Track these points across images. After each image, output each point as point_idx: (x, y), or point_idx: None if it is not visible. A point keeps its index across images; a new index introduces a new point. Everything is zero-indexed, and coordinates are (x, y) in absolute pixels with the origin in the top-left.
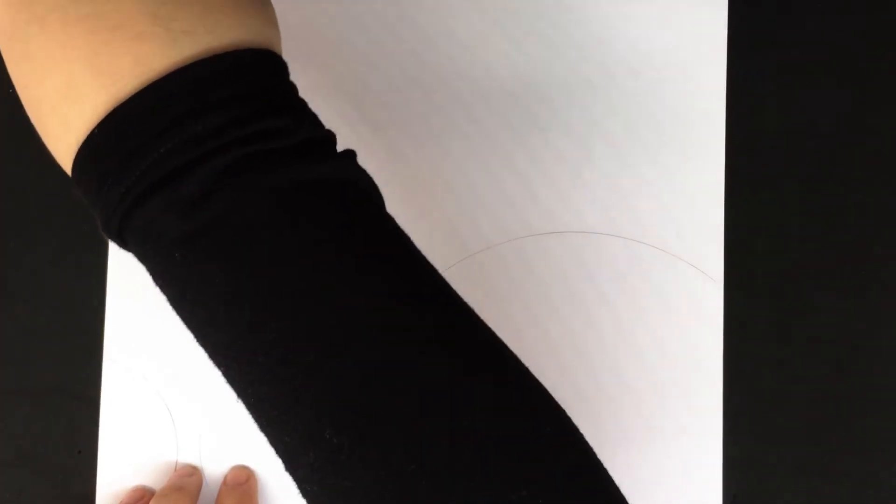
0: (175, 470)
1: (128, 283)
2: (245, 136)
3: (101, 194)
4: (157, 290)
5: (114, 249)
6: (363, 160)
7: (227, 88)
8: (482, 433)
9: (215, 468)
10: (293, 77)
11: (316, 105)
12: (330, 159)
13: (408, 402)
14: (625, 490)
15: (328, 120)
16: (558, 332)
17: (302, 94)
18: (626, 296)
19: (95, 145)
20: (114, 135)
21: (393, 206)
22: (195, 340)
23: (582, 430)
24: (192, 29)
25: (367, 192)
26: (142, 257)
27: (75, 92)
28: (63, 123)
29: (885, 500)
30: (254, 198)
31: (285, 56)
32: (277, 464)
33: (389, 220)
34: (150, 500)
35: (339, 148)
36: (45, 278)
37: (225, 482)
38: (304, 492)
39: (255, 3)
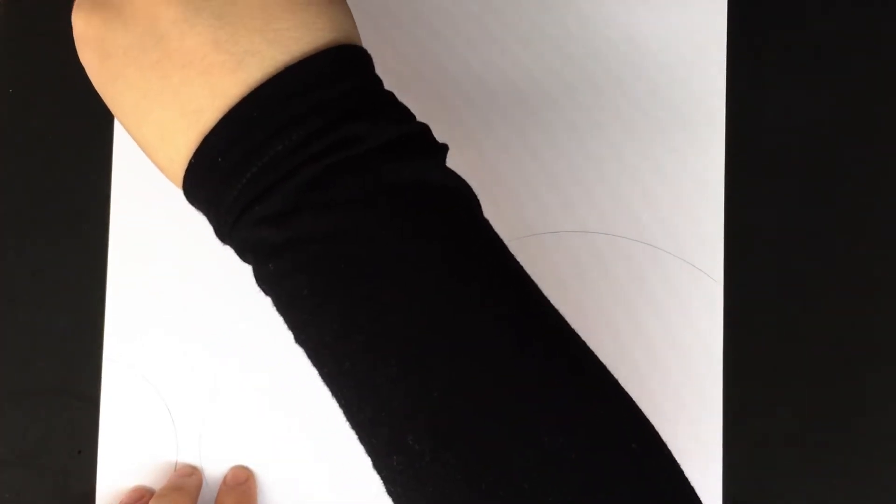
0: (175, 470)
1: (128, 283)
2: (324, 148)
3: (210, 217)
4: (157, 290)
5: (114, 249)
6: None
7: (302, 103)
8: (564, 452)
9: (215, 468)
10: None
11: None
12: (415, 161)
13: (489, 415)
14: None
15: None
16: None
17: None
18: (626, 295)
19: (193, 177)
20: (205, 165)
21: None
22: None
23: None
24: (255, 47)
25: (455, 196)
26: (250, 264)
27: (168, 134)
28: (166, 162)
29: (886, 500)
30: (330, 212)
31: None
32: (277, 464)
33: (481, 228)
34: (149, 499)
35: None
36: (45, 278)
37: (224, 482)
38: (389, 491)
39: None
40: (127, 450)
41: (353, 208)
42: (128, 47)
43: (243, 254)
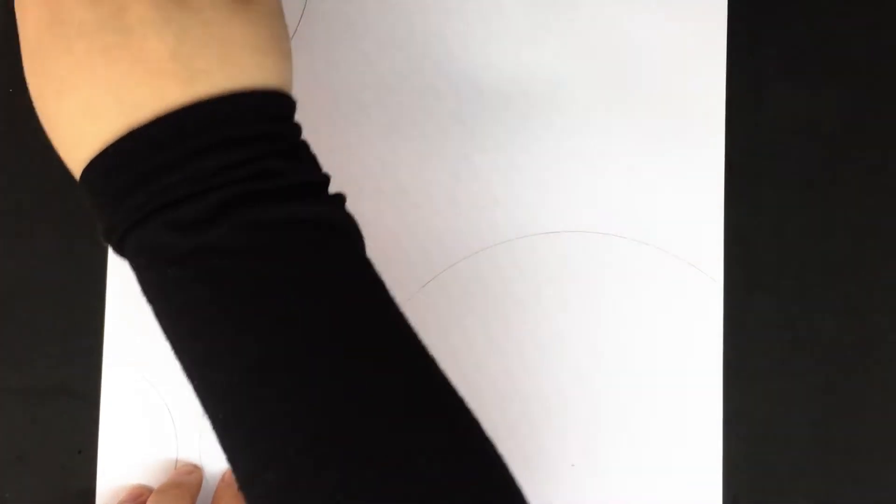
0: (175, 468)
1: (128, 283)
2: (247, 174)
3: (107, 207)
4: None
5: None
6: (370, 162)
7: (237, 129)
8: (435, 476)
9: (215, 466)
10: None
11: (311, 108)
12: (321, 202)
13: (371, 438)
14: (625, 490)
15: (323, 123)
16: (557, 332)
17: (297, 96)
18: (626, 296)
19: (108, 162)
20: (127, 156)
21: (395, 205)
22: (173, 353)
23: (582, 430)
24: (209, 69)
25: (349, 236)
26: (135, 267)
27: (94, 111)
28: (78, 136)
29: (886, 500)
30: (245, 230)
31: None
32: None
33: (368, 265)
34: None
35: (340, 167)
36: (45, 278)
37: (222, 479)
38: None
39: (273, 43)
40: (127, 449)
41: (261, 232)
42: (86, 23)
43: (138, 256)
